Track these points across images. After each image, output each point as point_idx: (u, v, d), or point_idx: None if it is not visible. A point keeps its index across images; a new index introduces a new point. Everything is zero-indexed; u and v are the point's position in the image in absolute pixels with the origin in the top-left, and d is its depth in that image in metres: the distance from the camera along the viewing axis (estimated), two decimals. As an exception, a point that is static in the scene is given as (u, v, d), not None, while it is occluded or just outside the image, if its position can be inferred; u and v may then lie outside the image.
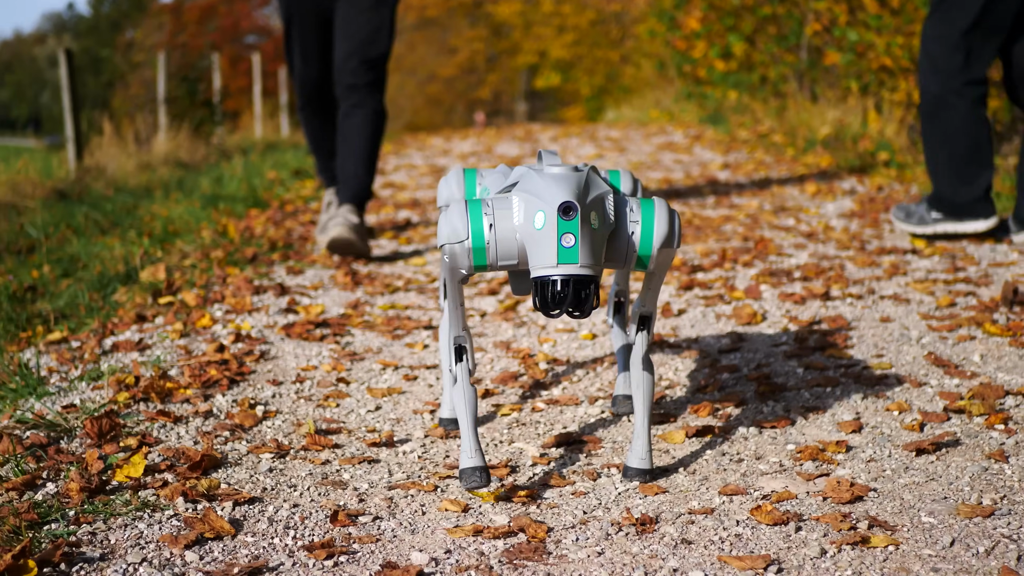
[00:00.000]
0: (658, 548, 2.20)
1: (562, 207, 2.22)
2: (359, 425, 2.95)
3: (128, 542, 2.25)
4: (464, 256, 2.34)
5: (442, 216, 2.38)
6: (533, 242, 2.29)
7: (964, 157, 4.87)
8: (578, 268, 2.24)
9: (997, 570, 2.04)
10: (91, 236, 6.22)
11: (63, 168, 10.60)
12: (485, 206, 2.34)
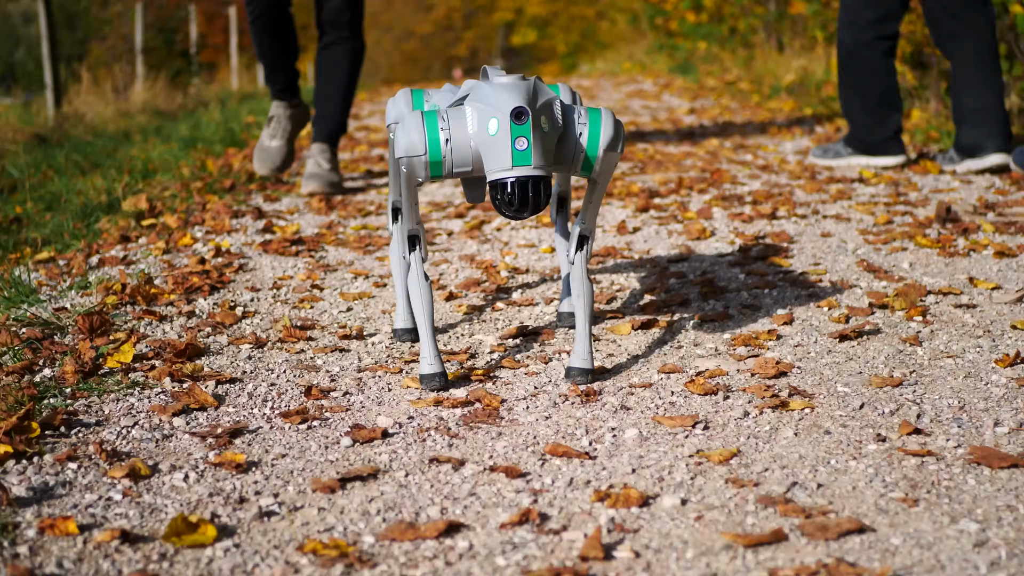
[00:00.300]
0: (599, 413, 2.45)
1: (514, 112, 2.44)
2: (331, 322, 3.19)
3: (120, 412, 2.49)
4: (421, 167, 2.54)
5: (399, 129, 2.55)
6: (488, 148, 2.48)
7: (875, 101, 5.34)
8: (532, 169, 2.45)
9: (898, 424, 2.30)
10: (72, 176, 6.42)
11: (42, 115, 10.76)
12: (440, 119, 2.53)
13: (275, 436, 2.36)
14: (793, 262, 3.65)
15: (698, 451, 2.22)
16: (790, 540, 1.84)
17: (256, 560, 1.81)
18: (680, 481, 2.08)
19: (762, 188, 4.98)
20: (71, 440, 2.32)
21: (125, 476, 2.13)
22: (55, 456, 2.21)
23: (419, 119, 2.51)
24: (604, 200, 4.80)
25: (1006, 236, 3.88)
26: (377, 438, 2.33)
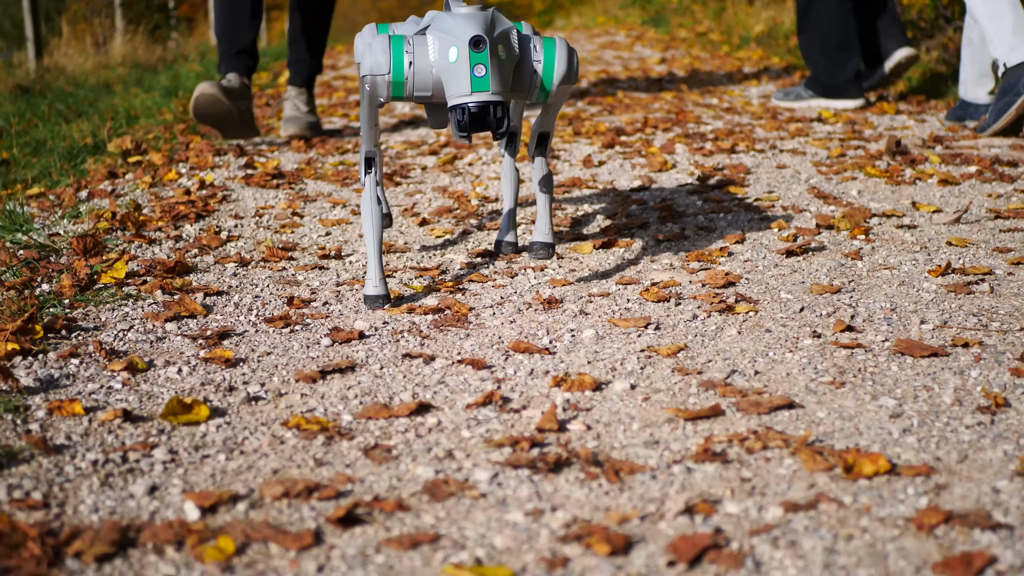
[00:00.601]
0: (560, 318, 2.66)
1: (472, 40, 2.61)
2: (311, 244, 3.39)
3: (116, 319, 2.69)
4: (384, 87, 2.70)
5: (366, 51, 2.70)
6: (448, 74, 2.64)
7: (834, 46, 5.57)
8: (490, 95, 2.63)
9: (833, 323, 2.52)
10: (56, 123, 6.58)
11: (24, 67, 10.89)
12: (407, 43, 2.68)
13: (260, 338, 2.56)
14: (748, 190, 3.86)
15: (648, 347, 2.43)
16: (726, 415, 2.05)
17: (245, 434, 2.02)
18: (631, 370, 2.30)
19: (724, 127, 5.19)
20: (72, 341, 2.51)
21: (123, 369, 2.33)
22: (58, 353, 2.41)
23: (385, 41, 2.66)
24: (572, 138, 5.00)
25: (951, 167, 4.09)
26: (354, 339, 2.53)
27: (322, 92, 7.20)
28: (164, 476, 1.83)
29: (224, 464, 1.88)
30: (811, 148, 4.54)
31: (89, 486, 1.79)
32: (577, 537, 1.59)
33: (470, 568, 1.51)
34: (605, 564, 1.52)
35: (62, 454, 1.91)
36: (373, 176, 2.87)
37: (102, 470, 1.85)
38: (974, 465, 1.80)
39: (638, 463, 1.84)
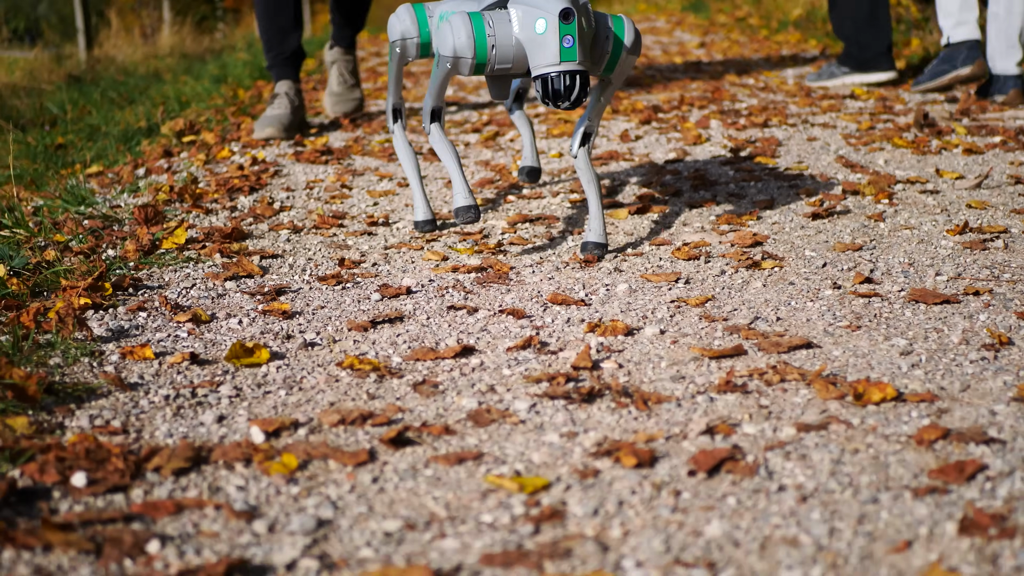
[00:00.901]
0: (596, 274, 2.83)
1: (562, 12, 2.75)
2: (359, 213, 3.57)
3: (179, 278, 2.88)
4: (466, 67, 2.83)
5: (445, 29, 2.83)
6: (535, 45, 2.77)
7: (865, 19, 5.71)
8: (576, 64, 2.77)
9: (852, 276, 2.67)
10: (109, 110, 6.79)
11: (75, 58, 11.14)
12: (487, 24, 2.82)
13: (314, 294, 2.74)
14: (779, 161, 4.01)
15: (678, 298, 2.59)
16: (748, 354, 2.21)
17: (303, 373, 2.19)
18: (660, 318, 2.46)
19: (758, 104, 5.33)
20: (139, 297, 2.70)
21: (188, 321, 2.51)
22: (127, 307, 2.60)
23: (467, 22, 2.79)
24: (610, 116, 5.16)
25: (976, 138, 4.23)
26: (403, 294, 2.71)
27: (367, 77, 7.38)
28: (230, 408, 2.01)
29: (284, 398, 2.06)
30: (842, 122, 4.69)
31: (163, 416, 1.97)
32: (607, 453, 1.75)
33: (510, 478, 1.68)
34: (632, 474, 1.69)
35: (136, 390, 2.09)
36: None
37: (174, 403, 2.03)
38: (975, 393, 1.95)
39: (664, 394, 2.00)
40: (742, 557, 1.43)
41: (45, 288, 2.72)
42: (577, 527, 1.53)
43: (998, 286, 2.54)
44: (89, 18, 11.82)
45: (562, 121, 5.02)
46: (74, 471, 1.69)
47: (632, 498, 1.61)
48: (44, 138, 5.70)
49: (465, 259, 2.98)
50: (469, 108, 5.63)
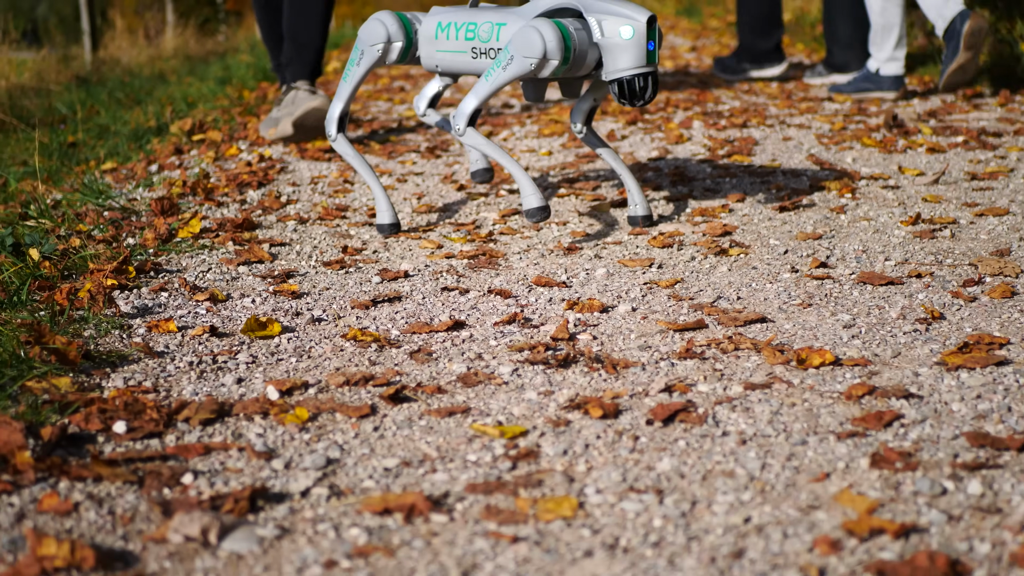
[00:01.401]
0: (578, 260, 3.10)
1: (649, 19, 3.02)
2: (361, 206, 3.84)
3: (196, 263, 3.15)
4: (550, 69, 3.06)
5: (532, 32, 3.03)
6: (621, 51, 3.02)
7: (762, 19, 6.48)
8: (655, 66, 3.06)
9: (809, 261, 2.95)
10: (116, 110, 7.06)
11: (80, 59, 11.41)
12: (570, 30, 3.04)
13: (320, 277, 3.01)
14: (754, 159, 4.28)
15: (651, 280, 2.87)
16: (708, 327, 2.49)
17: (311, 344, 2.47)
18: (633, 297, 2.73)
19: (740, 106, 5.61)
20: (159, 280, 2.97)
21: (206, 300, 2.78)
22: (150, 288, 2.87)
23: (556, 27, 3.02)
24: (599, 116, 5.43)
25: (941, 137, 4.51)
26: (400, 277, 2.98)
27: (368, 79, 7.65)
28: (247, 372, 2.29)
29: (295, 364, 2.33)
30: (817, 123, 4.96)
31: (188, 378, 2.25)
32: (577, 406, 2.03)
33: (493, 427, 1.96)
34: (598, 424, 1.96)
35: (163, 357, 2.37)
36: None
37: (197, 368, 2.30)
38: (904, 359, 2.23)
39: (632, 360, 2.28)
40: (686, 486, 1.71)
41: (74, 272, 2.98)
42: (548, 464, 1.80)
43: (939, 269, 2.81)
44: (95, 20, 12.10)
45: (553, 121, 5.30)
46: (115, 420, 1.96)
47: (597, 442, 1.88)
48: (56, 136, 5.97)
49: (459, 247, 3.25)
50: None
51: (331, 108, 3.45)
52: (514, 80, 3.10)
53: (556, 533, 1.56)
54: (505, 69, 3.06)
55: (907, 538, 1.51)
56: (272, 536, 1.57)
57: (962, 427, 1.87)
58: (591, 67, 3.09)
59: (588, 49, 3.05)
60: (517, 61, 3.03)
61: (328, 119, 3.43)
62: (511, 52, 3.04)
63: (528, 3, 3.18)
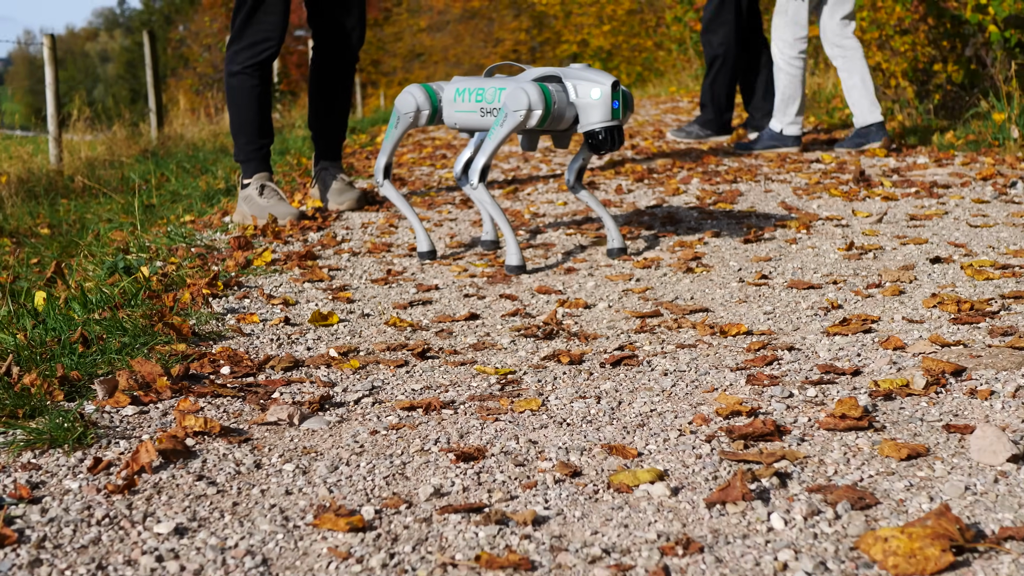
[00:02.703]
0: (575, 277, 3.91)
1: (613, 83, 3.87)
2: (403, 243, 4.67)
3: (269, 282, 3.98)
4: (535, 119, 3.83)
5: (519, 91, 3.83)
6: (590, 107, 3.83)
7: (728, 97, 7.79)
8: (619, 121, 3.86)
9: (755, 275, 3.75)
10: (185, 178, 7.96)
11: (147, 136, 12.38)
12: (551, 90, 3.87)
13: (368, 290, 3.83)
14: (735, 207, 5.09)
15: (627, 288, 3.68)
16: (662, 315, 3.29)
17: (361, 328, 3.28)
18: (611, 298, 3.54)
19: (737, 166, 6.43)
20: (242, 291, 3.80)
21: (280, 303, 3.61)
22: (235, 296, 3.70)
23: (538, 89, 3.82)
24: (612, 175, 6.26)
25: (898, 188, 5.31)
26: (432, 289, 3.80)
27: (413, 148, 8.53)
28: (314, 344, 3.10)
29: (349, 340, 3.15)
30: (797, 179, 5.77)
31: (270, 347, 3.07)
32: (553, 357, 2.84)
33: (491, 369, 2.76)
34: (566, 366, 2.77)
35: (250, 336, 3.19)
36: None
37: (276, 342, 3.13)
38: (799, 332, 3.03)
39: (600, 334, 3.09)
40: (618, 395, 2.51)
41: (173, 287, 3.82)
42: (526, 387, 2.61)
43: (854, 278, 3.60)
44: (161, 100, 13.06)
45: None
46: (221, 366, 2.79)
47: (562, 375, 2.69)
48: (134, 199, 6.84)
49: (480, 269, 4.07)
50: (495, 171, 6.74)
51: (377, 161, 4.28)
52: (511, 133, 3.88)
53: (524, 418, 2.37)
54: (502, 125, 3.86)
55: (755, 416, 2.30)
56: (335, 421, 2.38)
57: (817, 361, 2.67)
58: (570, 122, 3.87)
59: (566, 107, 3.84)
60: (510, 116, 3.83)
61: (376, 169, 4.27)
62: (505, 110, 3.84)
63: (522, 73, 4.01)
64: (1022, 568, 1.58)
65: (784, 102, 6.68)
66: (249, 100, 5.18)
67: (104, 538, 1.79)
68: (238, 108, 5.21)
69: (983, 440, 2.03)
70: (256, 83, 5.15)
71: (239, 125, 5.25)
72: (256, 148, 5.28)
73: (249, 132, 5.25)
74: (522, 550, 1.71)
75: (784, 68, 6.69)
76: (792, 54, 6.65)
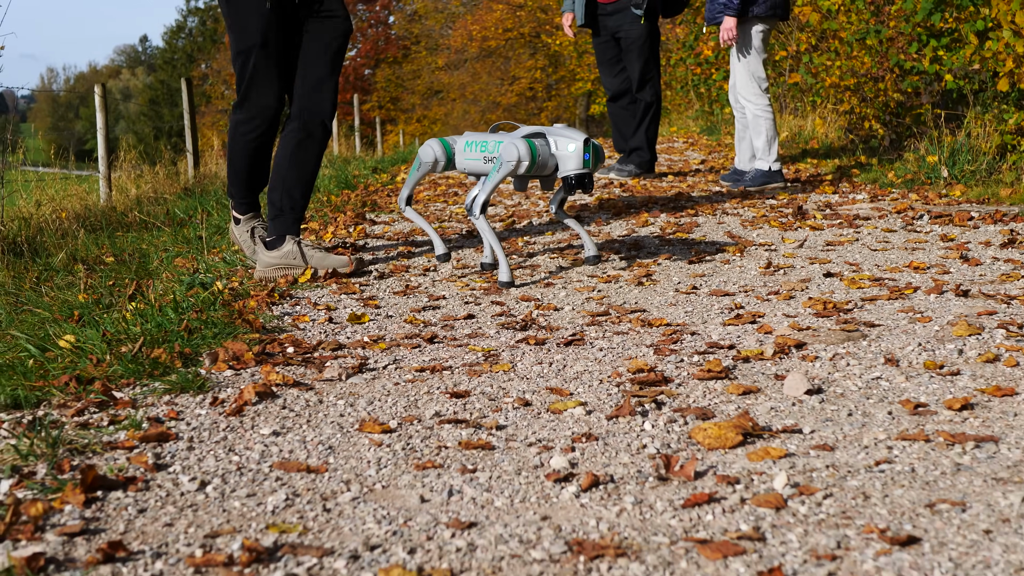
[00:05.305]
0: (552, 290, 5.05)
1: (585, 140, 5.04)
2: (418, 267, 5.82)
3: (313, 295, 5.13)
4: (524, 168, 5.04)
5: (512, 145, 4.97)
6: (567, 158, 4.97)
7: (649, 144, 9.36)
8: (590, 169, 5.07)
9: (688, 286, 4.90)
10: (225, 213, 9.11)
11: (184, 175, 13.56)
12: (537, 144, 5.10)
13: (390, 299, 4.98)
14: (690, 235, 6.24)
15: (589, 297, 4.83)
16: (609, 314, 4.44)
17: (387, 324, 4.43)
18: (576, 303, 4.69)
19: (703, 201, 7.58)
20: (292, 301, 4.96)
21: (323, 309, 4.76)
22: (288, 304, 4.86)
23: (527, 144, 4.98)
24: (595, 208, 7.42)
25: (826, 220, 6.46)
26: (440, 298, 4.94)
27: (429, 186, 9.71)
28: (352, 334, 4.26)
29: (377, 332, 4.30)
30: (747, 212, 6.92)
31: (320, 336, 4.22)
32: (523, 341, 3.99)
33: (480, 348, 3.92)
34: (532, 347, 3.90)
35: (303, 330, 4.35)
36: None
37: (323, 333, 4.28)
38: (706, 324, 4.17)
39: (562, 326, 4.24)
40: (565, 362, 3.65)
41: (241, 297, 4.96)
42: (503, 359, 3.76)
43: (763, 288, 4.75)
44: (197, 142, 14.24)
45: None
46: (287, 347, 3.95)
47: (529, 352, 3.84)
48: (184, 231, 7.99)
49: (479, 285, 5.22)
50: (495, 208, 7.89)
51: (401, 193, 5.44)
52: (505, 177, 5.03)
53: (498, 375, 3.52)
54: (498, 171, 5.01)
55: (652, 372, 3.46)
56: (369, 378, 3.53)
57: (708, 340, 3.82)
58: (552, 169, 5.03)
59: (548, 158, 4.99)
60: (504, 165, 4.98)
61: (400, 199, 5.43)
62: (501, 159, 5.00)
63: (516, 130, 5.18)
64: (787, 444, 2.72)
65: (767, 143, 7.91)
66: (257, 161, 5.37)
67: (229, 437, 2.93)
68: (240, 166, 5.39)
69: (792, 381, 3.17)
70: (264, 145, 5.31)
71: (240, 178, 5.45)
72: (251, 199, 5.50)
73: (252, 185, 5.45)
74: (488, 440, 2.85)
75: (761, 116, 7.89)
76: (764, 103, 7.85)
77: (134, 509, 2.39)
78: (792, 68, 13.79)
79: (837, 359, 3.46)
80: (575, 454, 2.70)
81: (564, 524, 2.26)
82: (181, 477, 2.59)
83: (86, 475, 2.45)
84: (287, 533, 2.24)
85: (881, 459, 2.56)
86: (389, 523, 2.29)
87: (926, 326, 3.84)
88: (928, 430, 2.75)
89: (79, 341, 3.79)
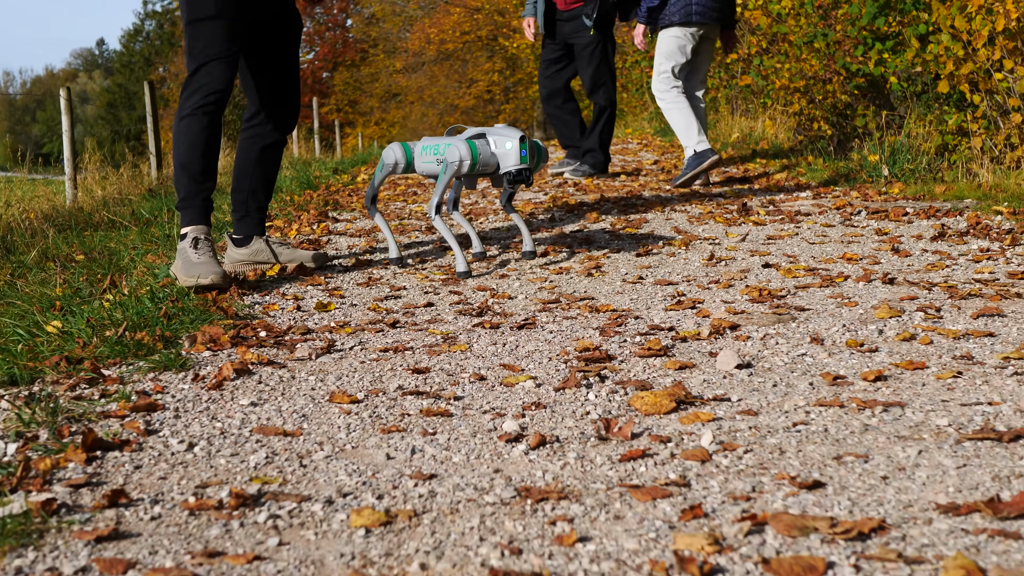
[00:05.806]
0: (507, 282, 5.37)
1: (520, 137, 5.35)
2: (379, 260, 6.12)
3: (280, 287, 5.43)
4: (466, 167, 5.37)
5: (454, 147, 5.31)
6: (506, 155, 5.29)
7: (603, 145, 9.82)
8: (527, 165, 5.38)
9: (637, 275, 5.22)
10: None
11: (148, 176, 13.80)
12: (478, 145, 5.44)
13: (354, 290, 5.27)
14: (639, 231, 6.56)
15: (541, 287, 5.14)
16: (560, 302, 4.75)
17: (351, 312, 4.71)
18: (529, 292, 4.99)
19: (653, 199, 7.91)
20: (262, 292, 5.24)
21: (291, 299, 5.05)
22: (258, 294, 5.15)
23: (467, 145, 5.31)
24: (548, 206, 7.73)
25: (769, 216, 6.79)
26: (401, 289, 5.24)
27: (390, 186, 10.01)
28: (318, 321, 4.55)
29: (341, 318, 4.60)
30: (694, 208, 7.26)
31: (289, 322, 4.52)
32: (479, 325, 4.29)
33: (440, 333, 4.22)
34: (488, 331, 4.21)
35: (273, 317, 4.64)
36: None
37: (292, 319, 4.58)
38: (649, 310, 4.49)
39: (515, 312, 4.55)
40: (518, 342, 3.96)
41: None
42: (460, 341, 4.06)
43: (705, 279, 5.07)
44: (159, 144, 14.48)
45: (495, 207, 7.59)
46: (259, 331, 4.24)
47: (484, 335, 4.13)
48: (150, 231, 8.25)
49: (438, 277, 5.53)
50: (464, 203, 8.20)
51: (366, 195, 5.74)
52: (452, 177, 5.33)
53: (456, 355, 3.82)
54: (445, 172, 5.33)
55: (597, 350, 3.77)
56: (338, 357, 3.83)
57: (650, 323, 4.14)
58: (495, 167, 5.35)
59: (490, 156, 5.31)
60: (449, 166, 5.29)
61: (367, 199, 5.73)
62: (446, 161, 5.32)
63: (462, 133, 5.49)
64: (715, 410, 3.03)
65: (685, 129, 8.42)
66: (195, 141, 4.93)
67: (211, 407, 3.23)
68: (184, 149, 4.96)
69: (724, 357, 3.49)
70: (205, 126, 4.93)
71: (182, 165, 4.99)
72: (197, 192, 5.04)
73: (193, 172, 4.98)
74: (446, 409, 3.16)
75: (670, 108, 8.50)
76: (671, 96, 8.39)
77: (131, 466, 2.68)
78: (743, 71, 14.15)
79: (767, 339, 3.77)
80: (525, 420, 3.00)
81: (514, 475, 2.56)
82: (171, 440, 2.88)
83: (86, 437, 2.74)
84: (269, 484, 2.54)
85: (799, 421, 2.87)
86: (359, 476, 2.59)
87: (852, 310, 4.16)
88: (843, 398, 3.07)
89: (65, 327, 4.07)
